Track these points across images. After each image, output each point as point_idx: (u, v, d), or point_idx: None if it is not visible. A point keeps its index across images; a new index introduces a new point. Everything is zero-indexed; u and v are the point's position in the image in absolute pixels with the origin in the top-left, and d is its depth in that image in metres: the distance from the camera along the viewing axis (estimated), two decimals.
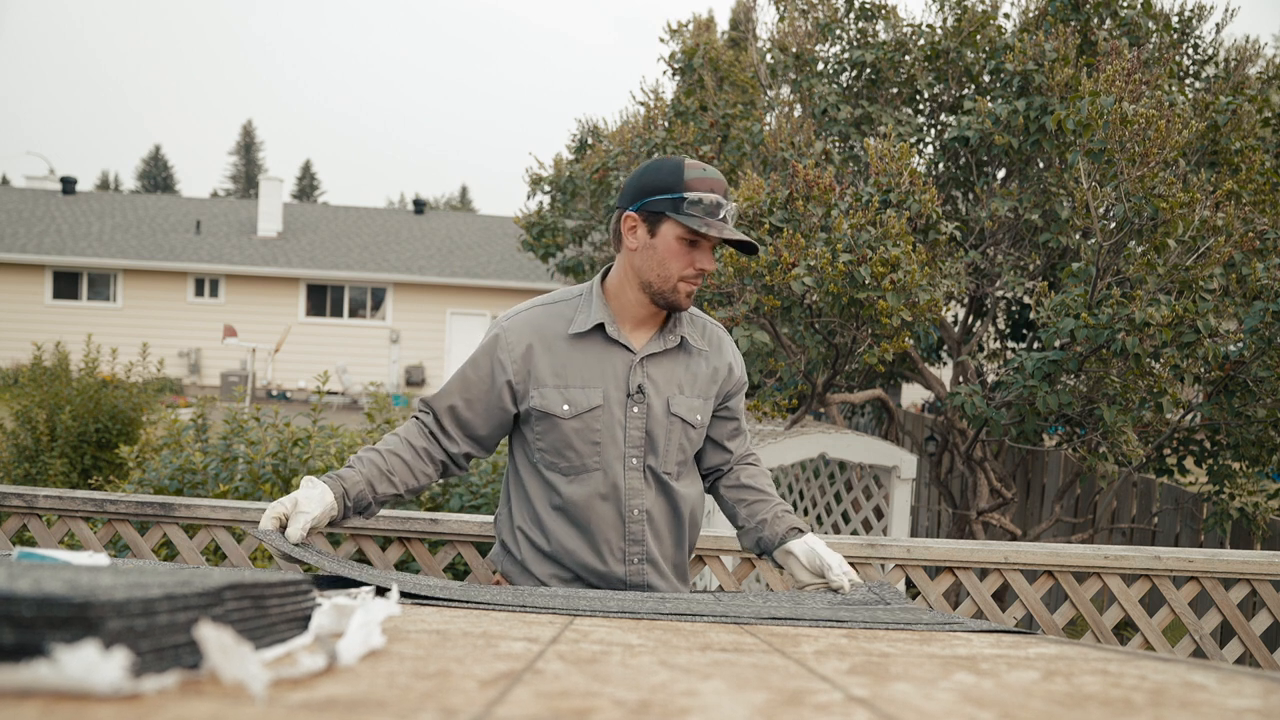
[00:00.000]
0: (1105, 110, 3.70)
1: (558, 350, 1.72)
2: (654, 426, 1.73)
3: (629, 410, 1.71)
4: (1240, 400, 3.79)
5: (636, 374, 1.72)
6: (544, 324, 1.74)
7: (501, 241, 20.97)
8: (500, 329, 1.75)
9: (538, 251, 7.05)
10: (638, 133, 6.12)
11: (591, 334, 1.72)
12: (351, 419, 12.87)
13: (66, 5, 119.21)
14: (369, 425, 3.83)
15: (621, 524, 1.72)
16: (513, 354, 1.71)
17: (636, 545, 1.73)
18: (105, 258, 17.96)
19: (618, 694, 0.64)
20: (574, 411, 1.69)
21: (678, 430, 1.75)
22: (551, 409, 1.69)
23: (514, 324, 1.75)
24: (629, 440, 1.72)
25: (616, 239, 1.75)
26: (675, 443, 1.75)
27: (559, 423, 1.69)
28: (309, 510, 1.55)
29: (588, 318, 1.72)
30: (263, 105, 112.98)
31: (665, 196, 1.65)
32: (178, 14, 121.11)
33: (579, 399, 1.69)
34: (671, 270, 1.68)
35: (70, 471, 6.00)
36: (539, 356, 1.71)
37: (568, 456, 1.70)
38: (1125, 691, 0.73)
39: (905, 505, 4.25)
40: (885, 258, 3.80)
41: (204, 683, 0.57)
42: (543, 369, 1.70)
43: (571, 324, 1.72)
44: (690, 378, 1.78)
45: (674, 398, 1.74)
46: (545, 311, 1.76)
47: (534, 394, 1.70)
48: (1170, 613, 2.26)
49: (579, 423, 1.69)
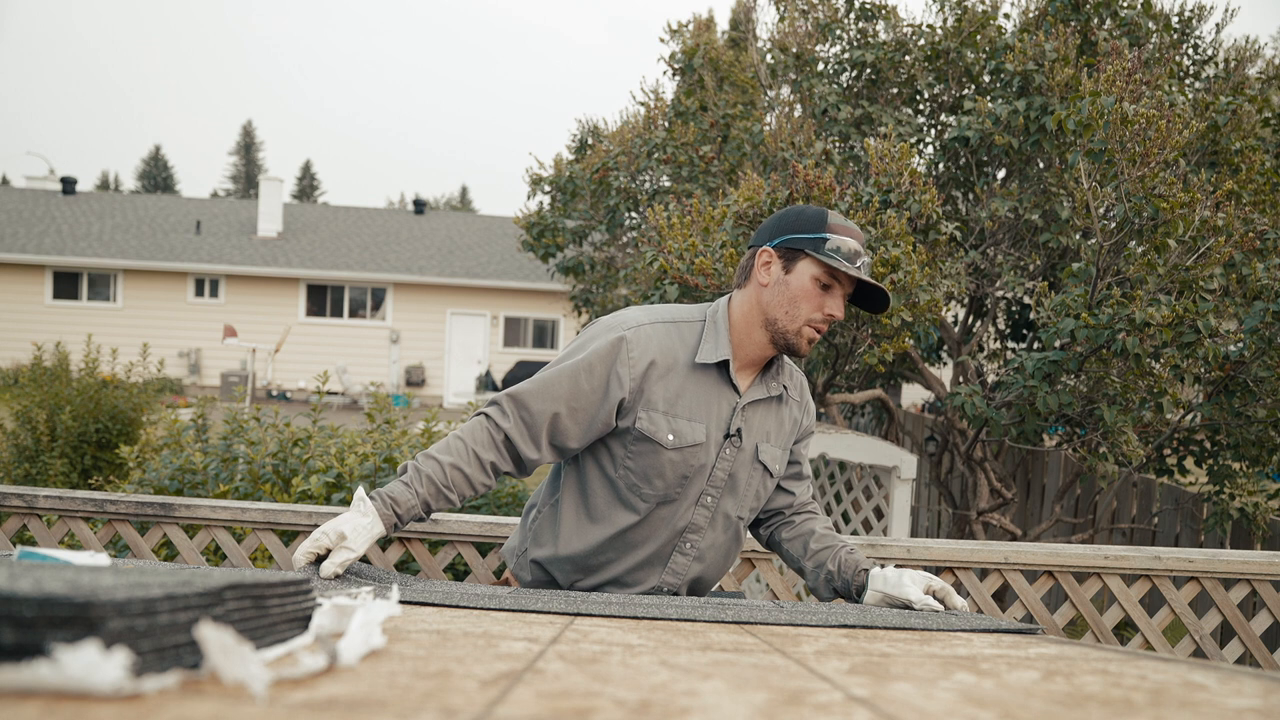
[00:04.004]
0: (1105, 110, 3.70)
1: (676, 376, 1.65)
2: (738, 470, 1.70)
3: (723, 451, 1.68)
4: (1240, 400, 3.79)
5: (738, 418, 1.68)
6: (667, 344, 1.66)
7: (501, 241, 20.97)
8: (624, 335, 1.64)
9: (538, 252, 7.04)
10: (638, 133, 6.12)
11: (710, 367, 1.67)
12: (352, 419, 12.87)
13: (67, 5, 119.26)
14: (369, 425, 3.83)
15: (670, 552, 1.71)
16: (634, 370, 1.63)
17: (675, 577, 1.73)
18: (105, 258, 17.96)
19: (618, 694, 0.64)
20: (678, 443, 1.64)
21: (758, 477, 1.73)
22: (657, 436, 1.63)
23: (640, 336, 1.65)
24: (712, 480, 1.69)
25: (744, 274, 1.70)
26: (754, 489, 1.74)
27: (660, 450, 1.63)
28: (355, 549, 1.47)
29: (715, 349, 1.66)
30: (263, 105, 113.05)
31: (806, 236, 1.62)
32: (178, 14, 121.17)
33: (685, 431, 1.64)
34: (801, 311, 1.63)
35: (70, 472, 6.00)
36: (656, 379, 1.64)
37: (655, 484, 1.66)
38: (1125, 691, 0.73)
39: (905, 505, 4.25)
40: (885, 258, 3.80)
41: (205, 683, 0.57)
42: (656, 392, 1.64)
43: (698, 353, 1.66)
44: (778, 426, 1.75)
45: (762, 444, 1.72)
46: (669, 331, 1.68)
47: (642, 415, 1.63)
48: (1170, 613, 2.26)
49: (678, 455, 1.64)
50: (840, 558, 1.73)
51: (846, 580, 1.70)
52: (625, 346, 1.63)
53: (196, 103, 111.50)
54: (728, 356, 1.65)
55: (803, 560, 1.79)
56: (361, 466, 3.34)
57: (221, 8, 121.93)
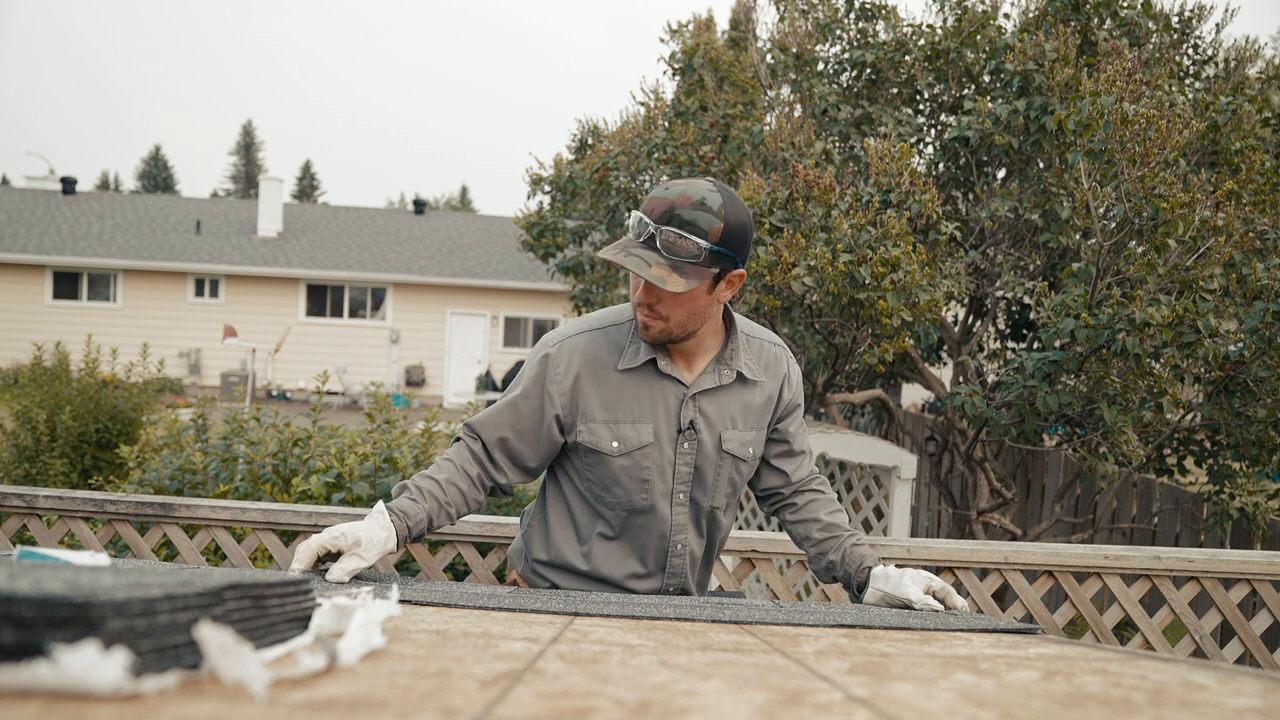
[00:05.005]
0: (1106, 110, 3.70)
1: (608, 382, 1.61)
2: (704, 463, 1.65)
3: (679, 447, 1.63)
4: (1240, 400, 3.79)
5: (688, 409, 1.62)
6: (593, 351, 1.62)
7: (501, 241, 20.97)
8: (549, 353, 1.64)
9: (538, 252, 7.04)
10: (638, 133, 6.12)
11: (643, 367, 1.62)
12: (351, 419, 12.87)
13: (67, 5, 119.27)
14: (369, 425, 3.83)
15: (665, 557, 1.70)
16: (562, 385, 1.61)
17: (675, 578, 1.72)
18: (105, 258, 17.96)
19: (618, 694, 0.64)
20: (623, 449, 1.61)
21: (728, 466, 1.68)
22: (600, 446, 1.61)
23: (562, 351, 1.63)
24: (678, 476, 1.65)
25: None
26: (725, 478, 1.69)
27: (607, 459, 1.61)
28: (367, 559, 1.45)
29: (638, 352, 1.61)
30: (263, 105, 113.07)
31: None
32: (178, 13, 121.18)
33: (629, 436, 1.61)
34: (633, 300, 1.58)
35: (70, 472, 6.00)
36: (587, 389, 1.61)
37: (615, 493, 1.64)
38: (1125, 691, 0.73)
39: (905, 505, 4.25)
40: (885, 258, 3.80)
41: (204, 683, 0.57)
42: (591, 402, 1.61)
43: (622, 357, 1.62)
44: (743, 409, 1.68)
45: (726, 433, 1.66)
46: (594, 339, 1.64)
47: (582, 428, 1.61)
48: (1170, 613, 2.26)
49: (628, 460, 1.61)
50: (845, 549, 1.71)
51: (849, 573, 1.69)
52: (549, 364, 1.62)
53: (196, 103, 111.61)
54: (653, 355, 1.60)
55: (806, 546, 1.78)
56: (361, 466, 3.34)
57: (221, 8, 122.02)
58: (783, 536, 2.19)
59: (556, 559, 1.72)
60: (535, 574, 1.77)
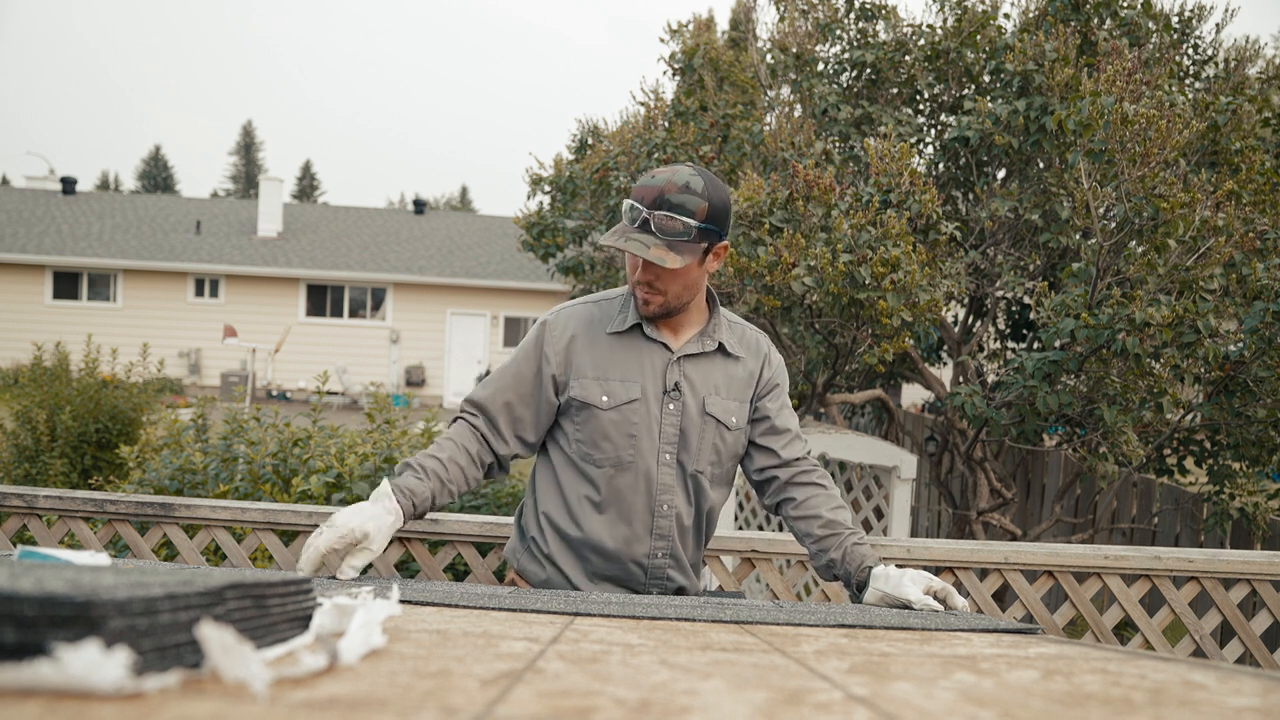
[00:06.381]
0: (1106, 110, 3.70)
1: (600, 344, 1.76)
2: (688, 424, 1.75)
3: (665, 406, 1.74)
4: (1240, 400, 3.79)
5: (673, 372, 1.75)
6: (588, 317, 1.78)
7: (501, 241, 20.97)
8: (547, 319, 1.80)
9: (538, 252, 7.04)
10: (638, 133, 6.12)
11: (631, 332, 1.76)
12: (351, 419, 12.86)
13: (67, 5, 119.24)
14: (369, 425, 3.83)
15: (651, 518, 1.75)
16: (556, 345, 1.75)
17: (662, 540, 1.76)
18: (105, 258, 17.96)
19: (618, 693, 0.64)
20: (613, 403, 1.72)
21: (711, 430, 1.77)
22: (591, 399, 1.72)
23: (560, 316, 1.79)
24: (664, 436, 1.74)
25: None
26: (709, 442, 1.77)
27: (598, 413, 1.72)
28: (376, 551, 1.53)
29: (626, 318, 1.76)
30: (263, 105, 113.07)
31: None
32: (178, 13, 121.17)
33: (618, 391, 1.73)
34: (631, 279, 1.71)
35: (70, 472, 6.00)
36: (581, 349, 1.75)
37: (604, 448, 1.73)
38: (1125, 691, 0.73)
39: (905, 505, 4.25)
40: (885, 258, 3.80)
41: (206, 682, 0.57)
42: (584, 361, 1.74)
43: (612, 324, 1.77)
44: (726, 380, 1.80)
45: (709, 398, 1.77)
46: (589, 308, 1.80)
47: (574, 384, 1.74)
48: (1170, 613, 2.26)
49: (617, 414, 1.72)
50: (846, 548, 1.73)
51: (849, 572, 1.71)
52: (547, 329, 1.78)
53: (196, 103, 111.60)
54: (637, 321, 1.75)
55: (807, 543, 1.81)
56: (361, 466, 3.34)
57: (221, 8, 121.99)
58: (782, 537, 2.19)
59: (549, 534, 1.77)
60: (528, 552, 1.81)
